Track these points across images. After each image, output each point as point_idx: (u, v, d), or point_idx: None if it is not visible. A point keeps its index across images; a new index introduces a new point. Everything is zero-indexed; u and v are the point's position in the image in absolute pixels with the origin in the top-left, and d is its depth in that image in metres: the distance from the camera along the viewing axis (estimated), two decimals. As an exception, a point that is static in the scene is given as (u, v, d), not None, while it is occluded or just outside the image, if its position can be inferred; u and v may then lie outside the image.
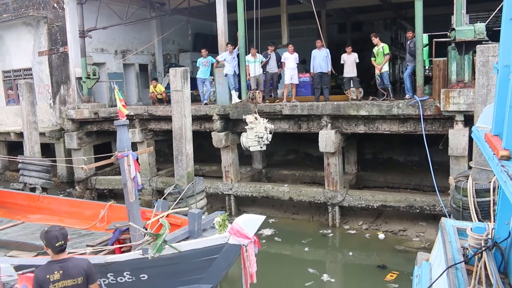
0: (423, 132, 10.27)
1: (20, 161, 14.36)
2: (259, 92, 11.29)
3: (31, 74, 17.90)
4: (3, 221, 10.72)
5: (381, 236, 11.03)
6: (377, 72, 11.72)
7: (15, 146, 18.50)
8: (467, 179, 7.73)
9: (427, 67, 13.94)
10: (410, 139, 12.40)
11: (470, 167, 8.36)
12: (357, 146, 13.78)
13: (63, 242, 4.24)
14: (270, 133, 10.47)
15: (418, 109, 10.25)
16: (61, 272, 4.18)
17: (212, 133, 13.02)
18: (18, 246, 9.20)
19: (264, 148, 10.57)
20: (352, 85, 12.30)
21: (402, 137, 12.47)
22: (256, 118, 10.37)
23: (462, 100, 9.60)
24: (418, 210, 10.87)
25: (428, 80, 13.78)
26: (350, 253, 10.43)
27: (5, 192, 12.92)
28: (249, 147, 10.36)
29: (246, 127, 10.41)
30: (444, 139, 10.21)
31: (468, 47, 8.74)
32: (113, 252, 8.01)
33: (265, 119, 10.65)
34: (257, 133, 10.20)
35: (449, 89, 9.81)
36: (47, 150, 17.06)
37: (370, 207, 11.49)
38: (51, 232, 4.26)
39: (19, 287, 4.69)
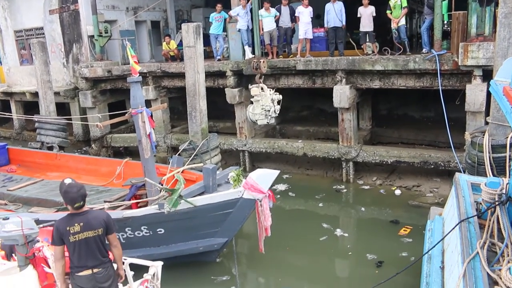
0: (440, 87, 10.08)
1: (36, 120, 14.55)
2: (263, 61, 10.44)
3: (43, 33, 17.80)
4: (23, 179, 11.01)
5: (398, 192, 11.05)
6: (393, 25, 11.38)
7: (31, 106, 18.70)
8: (483, 135, 7.64)
9: (445, 22, 13.49)
10: (426, 94, 12.20)
11: (486, 123, 8.25)
12: (371, 102, 13.61)
13: (82, 202, 4.39)
14: (278, 103, 9.86)
15: (435, 64, 10.01)
16: (81, 224, 4.33)
17: (226, 89, 12.96)
18: (39, 203, 9.46)
19: (273, 121, 9.99)
20: (368, 40, 12.02)
21: (418, 93, 12.27)
22: (262, 89, 9.72)
23: (481, 54, 9.34)
24: (432, 166, 10.84)
25: (446, 35, 13.37)
26: (363, 209, 10.52)
27: (24, 151, 13.20)
28: (256, 120, 9.82)
29: (251, 99, 9.83)
30: (461, 94, 10.02)
31: (490, -2, 8.42)
32: (130, 207, 8.21)
33: (271, 89, 9.97)
34: (263, 106, 9.59)
35: (468, 43, 9.53)
36: (62, 109, 17.20)
37: (384, 162, 11.49)
38: (69, 193, 4.37)
39: (41, 240, 4.86)
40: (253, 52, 12.89)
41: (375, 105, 13.86)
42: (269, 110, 9.54)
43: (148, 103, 13.77)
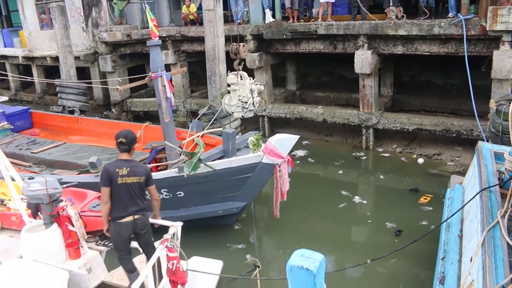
0: (465, 53, 9.78)
1: (57, 84, 14.70)
2: (243, 45, 8.60)
3: (63, -3, 17.75)
4: (46, 142, 11.21)
5: (420, 160, 10.91)
6: (419, -12, 11.01)
7: (52, 71, 18.87)
8: (509, 103, 7.44)
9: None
10: (450, 61, 11.86)
11: (513, 90, 8.04)
12: (394, 68, 13.34)
13: (124, 140, 4.71)
14: (259, 95, 8.56)
15: (461, 29, 9.69)
16: (128, 169, 4.65)
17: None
18: (62, 165, 9.66)
19: (251, 115, 8.58)
20: (391, 4, 11.64)
21: (442, 59, 11.94)
22: (241, 77, 8.30)
23: (511, 18, 8.99)
24: (454, 135, 10.66)
25: (474, -1, 12.88)
26: (382, 176, 10.47)
27: (46, 115, 13.40)
28: (232, 113, 8.57)
29: (228, 88, 8.48)
30: (488, 61, 9.72)
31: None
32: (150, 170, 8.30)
33: (251, 78, 8.53)
34: (240, 97, 8.25)
35: (497, 7, 9.15)
36: (82, 73, 17.33)
37: (405, 130, 11.34)
38: (119, 131, 4.80)
39: (64, 199, 4.98)
40: (273, 15, 12.67)
41: (397, 71, 13.58)
42: (246, 102, 8.20)
43: (167, 67, 13.76)
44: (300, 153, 11.94)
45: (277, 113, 13.12)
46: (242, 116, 8.35)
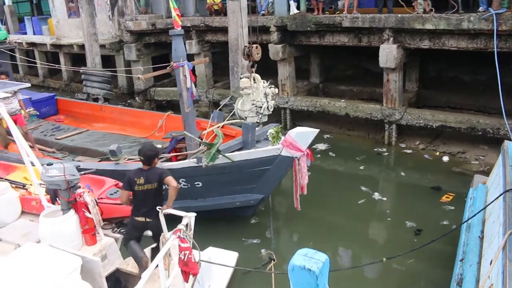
0: (495, 49, 9.46)
1: (82, 72, 14.89)
2: (256, 47, 7.91)
3: (90, -15, 17.92)
4: (70, 128, 11.39)
5: (445, 158, 10.65)
6: (449, -19, 10.69)
7: (79, 58, 19.14)
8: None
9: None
10: (478, 57, 11.52)
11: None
12: (420, 63, 13.04)
13: (142, 158, 5.12)
14: (273, 99, 8.03)
15: (492, 24, 9.36)
16: (144, 178, 5.07)
17: (269, 45, 12.73)
18: (84, 152, 9.80)
19: (265, 119, 7.98)
20: (420, -4, 11.36)
21: (470, 55, 11.59)
22: (254, 79, 7.77)
23: (545, 14, 8.67)
24: (480, 133, 10.38)
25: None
26: (403, 173, 10.30)
27: (71, 102, 13.61)
28: (245, 118, 8.04)
29: (241, 91, 7.96)
30: (518, 57, 9.42)
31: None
32: (170, 160, 8.35)
33: (265, 81, 8.00)
34: (254, 102, 7.74)
35: (531, 1, 8.85)
36: (108, 62, 17.52)
37: (428, 127, 11.10)
38: (141, 148, 5.26)
39: (82, 186, 5.04)
40: (298, 7, 12.53)
41: (423, 66, 13.27)
42: (261, 107, 7.67)
43: (191, 57, 13.80)
44: (321, 146, 11.84)
45: (299, 106, 13.02)
46: (256, 122, 7.89)
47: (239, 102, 7.94)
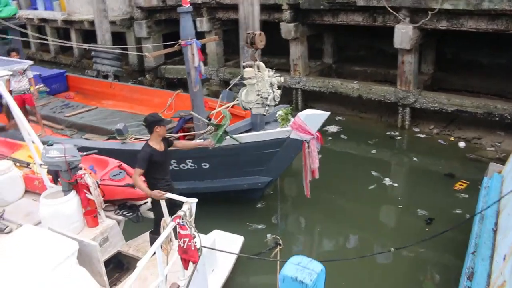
0: (517, 31, 9.11)
1: (90, 48, 14.72)
2: (259, 34, 7.35)
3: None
4: (79, 105, 11.35)
5: (462, 144, 10.35)
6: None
7: (90, 35, 18.93)
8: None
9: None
10: (498, 39, 11.10)
11: None
12: (436, 44, 12.65)
13: (144, 123, 5.28)
14: (279, 88, 7.51)
15: (515, 4, 8.99)
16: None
17: (281, 23, 12.44)
18: (92, 130, 9.76)
19: (271, 110, 7.42)
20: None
21: (489, 36, 11.18)
22: (258, 68, 7.26)
23: None
24: (497, 118, 10.07)
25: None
26: (416, 158, 10.07)
27: (81, 79, 13.56)
28: (250, 109, 7.55)
29: (245, 81, 7.41)
30: (541, 40, 9.03)
31: None
32: (177, 139, 8.20)
33: (271, 70, 7.45)
34: (259, 92, 7.23)
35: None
36: (119, 39, 17.34)
37: (443, 111, 10.79)
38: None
39: (86, 167, 4.94)
40: (312, -16, 12.15)
41: (439, 48, 12.87)
42: (266, 98, 7.19)
43: (201, 35, 13.56)
44: (333, 128, 11.63)
45: (311, 86, 12.76)
46: (263, 114, 7.42)
47: (242, 93, 7.39)
